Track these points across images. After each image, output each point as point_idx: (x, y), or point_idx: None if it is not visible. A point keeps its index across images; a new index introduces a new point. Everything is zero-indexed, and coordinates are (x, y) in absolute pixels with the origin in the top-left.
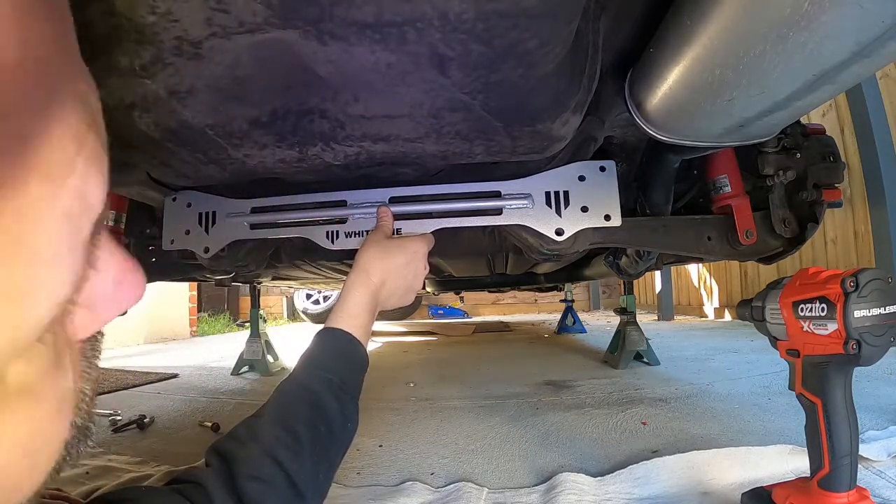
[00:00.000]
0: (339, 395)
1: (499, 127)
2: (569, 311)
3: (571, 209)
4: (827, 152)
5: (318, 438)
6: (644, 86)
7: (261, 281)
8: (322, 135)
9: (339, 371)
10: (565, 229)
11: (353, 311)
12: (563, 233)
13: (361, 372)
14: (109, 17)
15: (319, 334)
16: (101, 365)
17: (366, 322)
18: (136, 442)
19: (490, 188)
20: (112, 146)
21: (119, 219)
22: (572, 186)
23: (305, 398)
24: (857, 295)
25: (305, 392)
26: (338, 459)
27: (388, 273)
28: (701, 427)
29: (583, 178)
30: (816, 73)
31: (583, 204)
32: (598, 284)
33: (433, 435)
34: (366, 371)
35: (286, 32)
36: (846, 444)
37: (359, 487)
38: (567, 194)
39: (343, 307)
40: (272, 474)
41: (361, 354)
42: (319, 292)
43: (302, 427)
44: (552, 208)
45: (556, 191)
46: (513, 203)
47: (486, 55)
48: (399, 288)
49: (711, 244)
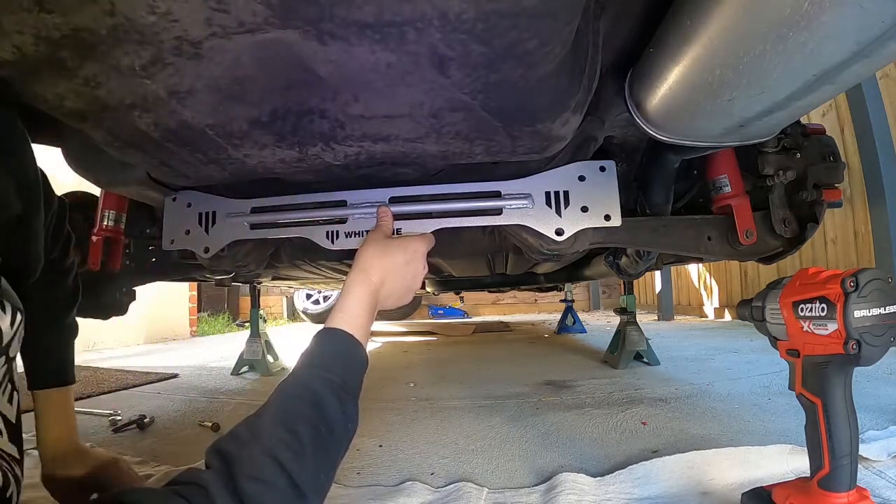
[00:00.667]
0: (341, 395)
1: (499, 127)
2: (569, 311)
3: (571, 209)
4: (827, 152)
5: (320, 439)
6: (644, 86)
7: (261, 281)
8: (322, 135)
9: (340, 371)
10: (565, 229)
11: (352, 310)
12: (563, 233)
13: (361, 371)
14: (109, 17)
15: (319, 334)
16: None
17: (365, 321)
18: (136, 442)
19: (490, 188)
20: (112, 146)
21: (119, 219)
22: (572, 186)
23: (307, 398)
24: (857, 295)
25: (306, 392)
26: (338, 459)
27: (388, 272)
28: (701, 427)
29: (583, 178)
30: (816, 73)
31: (583, 204)
32: (598, 284)
33: (433, 435)
34: (365, 370)
35: (286, 32)
36: (846, 444)
37: (359, 487)
38: (567, 194)
39: (343, 306)
40: (273, 475)
41: (361, 354)
42: (319, 292)
43: (303, 427)
44: (552, 208)
45: (556, 191)
46: (513, 203)
47: (486, 55)
48: (398, 287)
49: (711, 244)
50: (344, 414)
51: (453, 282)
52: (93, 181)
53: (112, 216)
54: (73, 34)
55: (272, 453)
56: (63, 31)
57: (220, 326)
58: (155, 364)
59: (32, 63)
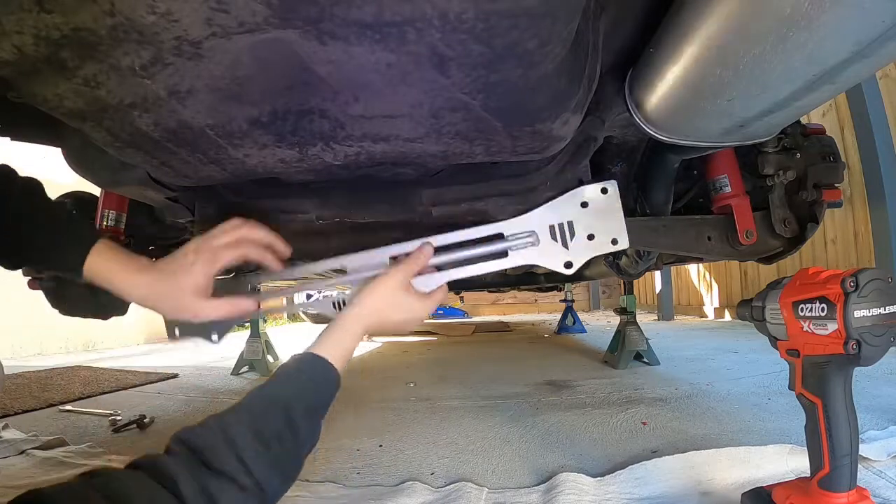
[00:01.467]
0: (309, 411)
1: (499, 127)
2: (569, 311)
3: (578, 239)
4: (827, 152)
5: (285, 447)
6: (644, 86)
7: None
8: (322, 135)
9: (312, 391)
10: (574, 261)
11: (342, 342)
12: (572, 265)
13: (332, 396)
14: (109, 17)
15: (303, 357)
16: (101, 365)
17: (349, 352)
18: (136, 442)
19: (492, 230)
20: (112, 146)
21: (119, 219)
22: (576, 215)
23: (278, 406)
24: (857, 295)
25: (277, 401)
26: (297, 471)
27: (386, 323)
28: (701, 427)
29: (585, 205)
30: (816, 73)
31: (589, 232)
32: (598, 284)
33: (433, 435)
34: (336, 394)
35: (286, 32)
36: (846, 444)
37: (359, 487)
38: (571, 224)
39: (332, 336)
40: (238, 473)
41: (335, 380)
42: (319, 292)
43: (274, 441)
44: (558, 241)
45: (559, 223)
46: (517, 243)
47: (486, 55)
48: (392, 330)
49: (711, 244)
50: (310, 427)
51: (453, 282)
52: (93, 181)
53: (112, 216)
54: (73, 34)
55: (239, 453)
56: (63, 31)
57: None
58: (155, 364)
59: (32, 63)
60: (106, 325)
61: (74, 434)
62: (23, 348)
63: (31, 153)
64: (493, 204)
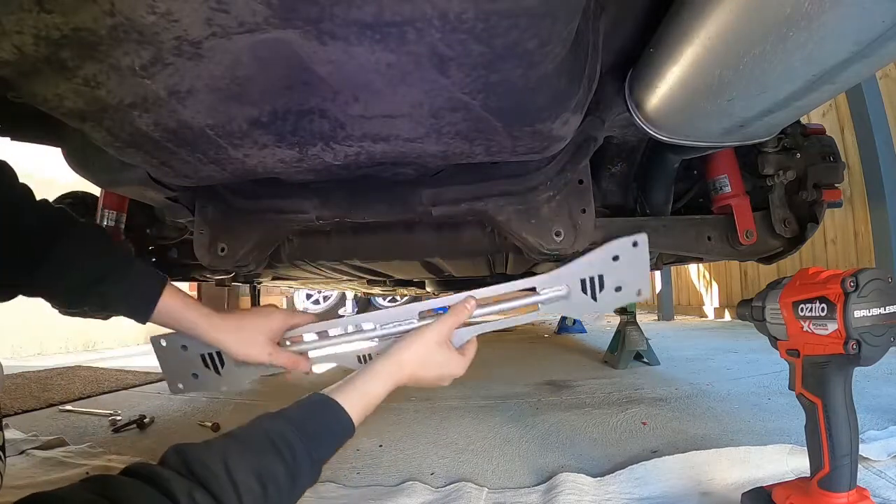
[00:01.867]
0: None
1: (499, 127)
2: None
3: (606, 291)
4: (827, 152)
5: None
6: (644, 86)
7: (261, 281)
8: (322, 135)
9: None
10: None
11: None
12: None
13: (341, 443)
14: (109, 17)
15: (323, 400)
16: (101, 365)
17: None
18: (136, 442)
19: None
20: (112, 146)
21: (119, 219)
22: (607, 269)
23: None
24: (857, 295)
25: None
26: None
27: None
28: (701, 427)
29: (616, 258)
30: (816, 73)
31: (617, 284)
32: None
33: (433, 435)
34: (347, 440)
35: (286, 32)
36: (846, 444)
37: (359, 487)
38: (602, 278)
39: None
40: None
41: (350, 429)
42: (319, 292)
43: (272, 486)
44: (588, 294)
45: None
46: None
47: (486, 55)
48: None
49: (711, 244)
50: (310, 477)
51: (453, 282)
52: (93, 181)
53: (112, 216)
54: (73, 34)
55: (238, 489)
56: (63, 31)
57: None
58: (155, 364)
59: (32, 63)
60: (106, 325)
61: (74, 434)
62: (23, 348)
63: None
64: (493, 204)
